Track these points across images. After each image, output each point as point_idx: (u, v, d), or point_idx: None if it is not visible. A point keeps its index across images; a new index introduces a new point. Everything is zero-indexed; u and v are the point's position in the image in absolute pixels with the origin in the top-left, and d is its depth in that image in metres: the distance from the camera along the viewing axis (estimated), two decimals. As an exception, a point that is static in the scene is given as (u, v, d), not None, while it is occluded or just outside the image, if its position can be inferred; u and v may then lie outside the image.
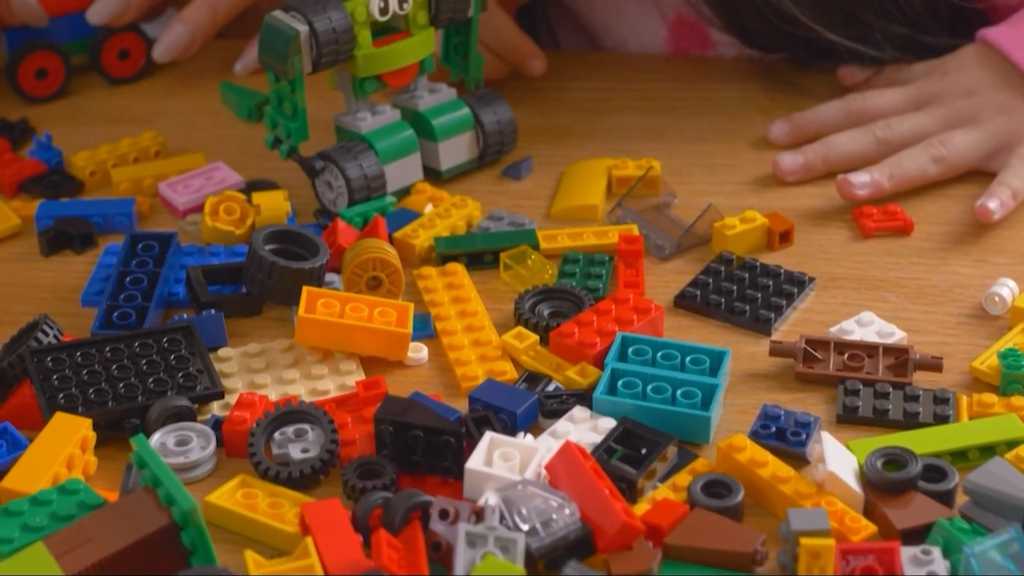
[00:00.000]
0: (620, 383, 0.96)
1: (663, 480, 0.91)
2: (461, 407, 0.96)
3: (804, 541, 0.83)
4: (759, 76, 1.35)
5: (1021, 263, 1.10)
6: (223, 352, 1.01)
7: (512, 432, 0.94)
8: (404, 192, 1.17)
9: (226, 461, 0.94)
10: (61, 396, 0.95)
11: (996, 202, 1.12)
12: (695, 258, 1.12)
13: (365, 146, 1.14)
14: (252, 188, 1.17)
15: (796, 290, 1.07)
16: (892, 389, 0.98)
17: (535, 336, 1.02)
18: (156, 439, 0.93)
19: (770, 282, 1.08)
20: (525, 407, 0.94)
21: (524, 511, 0.85)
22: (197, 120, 1.30)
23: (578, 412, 0.95)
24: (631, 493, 0.90)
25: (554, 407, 0.96)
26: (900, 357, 1.00)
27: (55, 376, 0.96)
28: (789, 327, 1.05)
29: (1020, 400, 0.96)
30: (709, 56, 1.39)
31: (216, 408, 0.97)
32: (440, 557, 0.84)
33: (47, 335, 0.99)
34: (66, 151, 1.23)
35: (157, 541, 0.83)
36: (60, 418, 0.92)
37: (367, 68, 1.14)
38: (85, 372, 0.97)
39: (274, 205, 1.13)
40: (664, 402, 0.95)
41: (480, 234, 1.12)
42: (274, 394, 0.98)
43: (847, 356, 1.00)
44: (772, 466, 0.91)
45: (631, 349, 0.99)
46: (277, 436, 0.94)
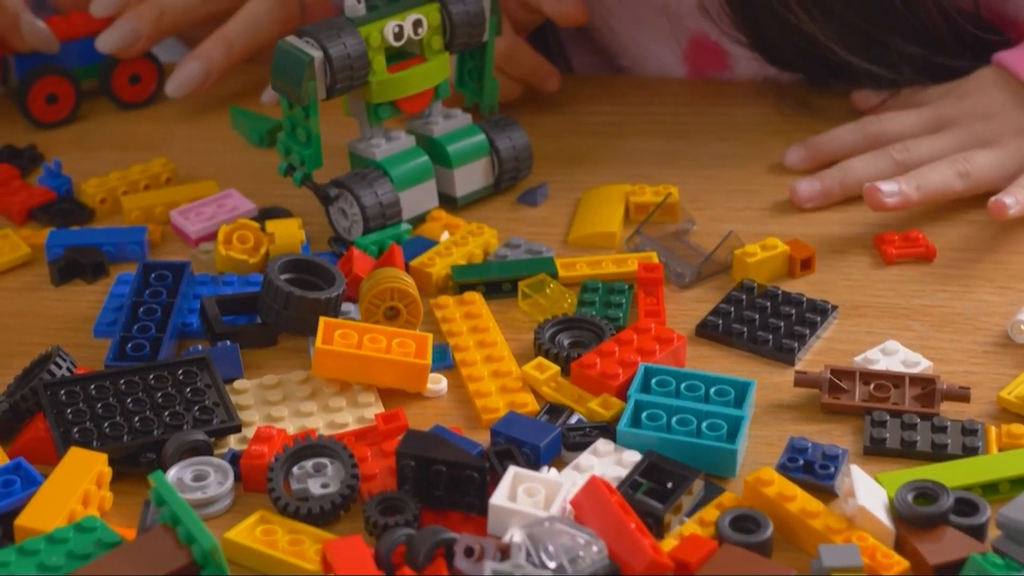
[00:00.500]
0: (644, 415, 0.95)
1: (690, 515, 0.90)
2: (482, 440, 0.95)
3: (837, 578, 0.82)
4: (774, 99, 1.33)
5: (1046, 290, 1.09)
6: (239, 384, 0.99)
7: (535, 466, 0.92)
8: (419, 219, 1.15)
9: (244, 496, 0.93)
10: (76, 430, 0.93)
11: (1012, 198, 1.11)
12: (715, 286, 1.10)
13: (380, 173, 1.13)
14: (265, 216, 1.16)
15: (819, 319, 1.05)
16: (919, 420, 0.96)
17: (556, 367, 1.00)
18: (173, 474, 0.92)
19: (792, 310, 1.06)
20: (548, 440, 0.93)
21: (551, 548, 0.83)
22: (207, 146, 1.29)
23: (602, 445, 0.94)
24: (658, 528, 0.88)
25: (577, 440, 0.94)
26: (927, 387, 0.99)
27: (69, 410, 0.95)
28: (813, 356, 1.04)
29: (1051, 431, 0.94)
30: (723, 79, 1.37)
31: (233, 442, 0.95)
32: (466, 596, 0.82)
33: (60, 367, 0.97)
34: (75, 178, 1.22)
35: (177, 581, 0.82)
36: (75, 453, 0.91)
37: (381, 94, 1.13)
38: (100, 405, 0.95)
39: (288, 233, 1.11)
40: (689, 435, 0.94)
41: (498, 262, 1.11)
42: (292, 427, 0.96)
43: (873, 386, 0.99)
44: (801, 500, 0.89)
45: (654, 380, 0.98)
46: (296, 471, 0.92)
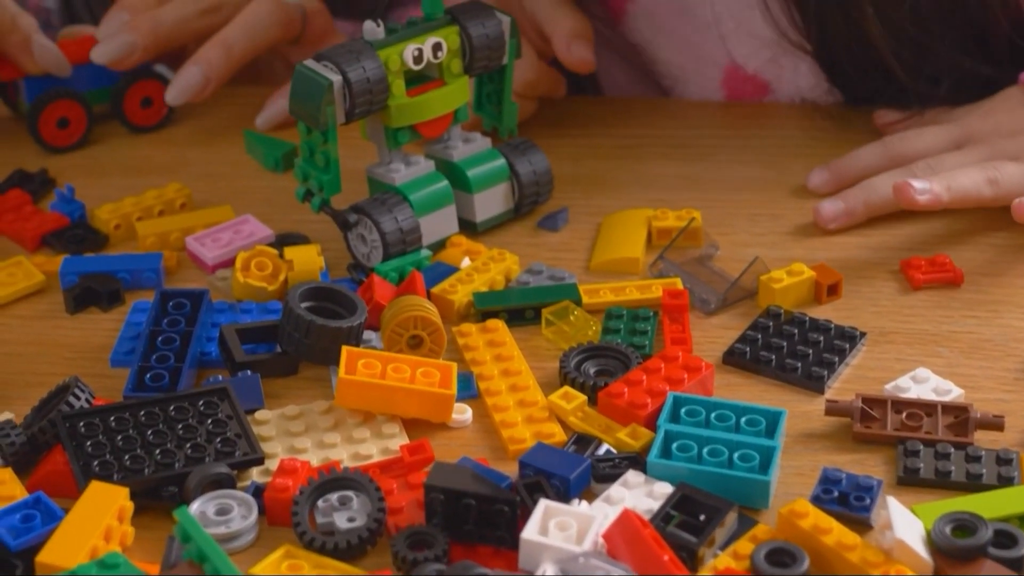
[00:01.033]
0: (675, 446, 0.93)
1: (723, 548, 0.88)
2: (509, 471, 0.93)
3: (879, 615, 0.80)
4: (795, 122, 1.32)
5: (1077, 315, 1.07)
6: (260, 415, 0.98)
7: (565, 498, 0.90)
8: (439, 245, 1.14)
9: (268, 530, 0.91)
10: (96, 463, 0.92)
11: None
12: (741, 312, 1.08)
13: (399, 198, 1.11)
14: (283, 242, 1.14)
15: (847, 346, 1.04)
16: (953, 450, 0.95)
17: (583, 396, 0.98)
18: (195, 508, 0.90)
19: (820, 337, 1.04)
20: (578, 472, 0.91)
21: (585, 584, 0.82)
22: (221, 170, 1.27)
23: (632, 476, 0.92)
24: (692, 562, 0.86)
25: (607, 471, 0.93)
26: (960, 416, 0.97)
27: (89, 442, 0.93)
28: (842, 384, 1.02)
29: (1088, 461, 0.93)
30: (743, 102, 1.36)
31: (256, 474, 0.94)
32: (499, 633, 0.81)
33: (79, 398, 0.96)
34: (88, 203, 1.20)
35: (204, 619, 0.80)
36: (96, 487, 0.89)
37: (401, 118, 1.11)
38: (120, 438, 0.93)
39: (307, 260, 1.10)
40: (721, 466, 0.92)
41: (520, 289, 1.09)
42: (315, 459, 0.95)
43: (905, 415, 0.97)
44: (837, 533, 0.87)
45: (684, 410, 0.96)
46: (320, 504, 0.90)
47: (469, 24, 1.13)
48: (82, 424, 0.94)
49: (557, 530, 0.86)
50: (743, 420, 0.95)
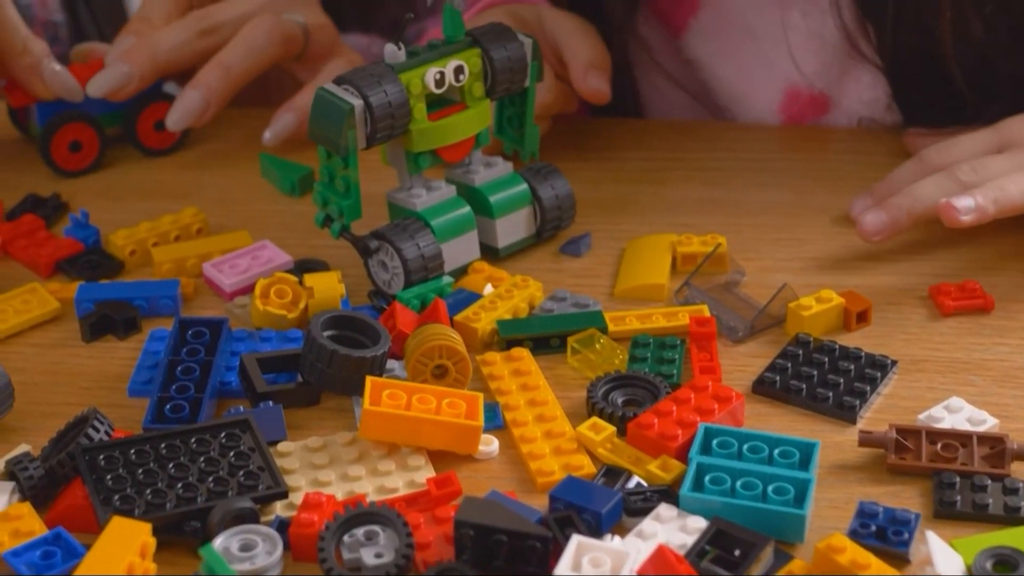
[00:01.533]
0: (707, 479, 0.91)
1: (759, 584, 0.86)
2: (538, 504, 0.91)
3: (924, 655, 0.78)
4: (815, 144, 1.30)
5: (1110, 343, 1.06)
6: (283, 447, 0.96)
7: (596, 533, 0.88)
8: (461, 272, 1.12)
9: (292, 566, 0.89)
10: (117, 498, 0.90)
11: None
12: (769, 340, 1.07)
13: (421, 224, 1.09)
14: (302, 269, 1.12)
15: (879, 374, 1.02)
16: (990, 482, 0.93)
17: (611, 427, 0.96)
18: (219, 544, 0.88)
19: (851, 366, 1.03)
20: (610, 506, 0.89)
21: (622, 624, 0.80)
22: (236, 194, 1.25)
23: (664, 510, 0.90)
24: (728, 599, 0.85)
25: (639, 505, 0.91)
26: (996, 447, 0.95)
27: (109, 476, 0.91)
28: (873, 414, 1.00)
29: None
30: (763, 125, 1.34)
31: (279, 508, 0.92)
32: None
33: (98, 430, 0.94)
34: (102, 228, 1.18)
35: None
36: (117, 523, 0.87)
37: (422, 143, 1.09)
38: (141, 471, 0.91)
39: (327, 287, 1.08)
40: (755, 499, 0.90)
41: (545, 317, 1.07)
42: (340, 492, 0.93)
43: (940, 446, 0.95)
44: (876, 568, 0.85)
45: (715, 441, 0.94)
46: (346, 539, 0.88)
47: (491, 47, 1.11)
48: (102, 457, 0.92)
49: (590, 566, 0.84)
50: (776, 452, 0.93)
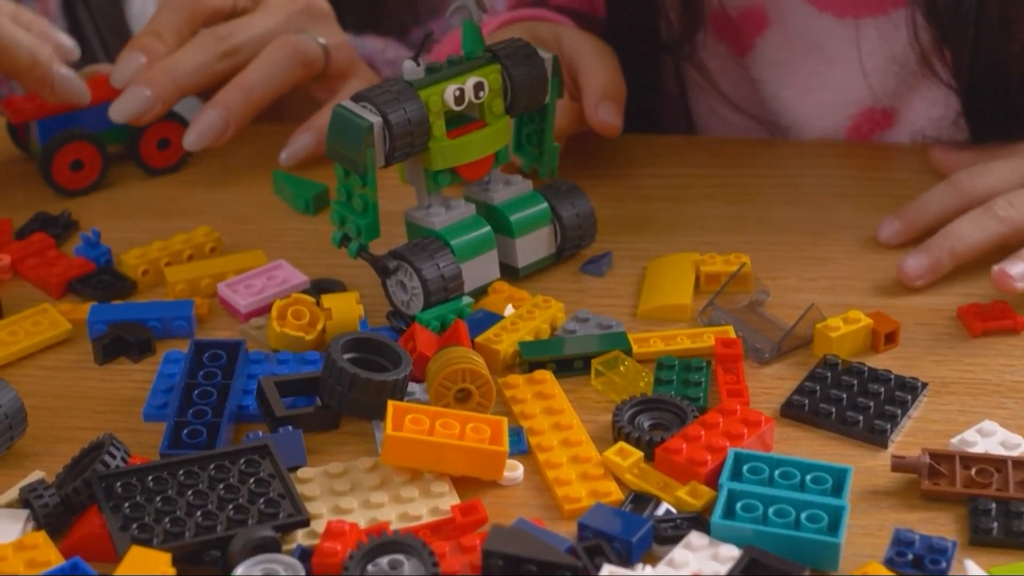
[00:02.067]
0: (739, 506, 0.89)
1: (795, 615, 0.84)
2: (566, 531, 0.89)
3: None
4: (835, 160, 1.29)
5: None
6: (303, 473, 0.94)
7: (627, 562, 0.86)
8: (480, 292, 1.10)
9: (315, 596, 0.87)
10: (135, 526, 0.87)
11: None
12: (795, 362, 1.05)
13: (440, 244, 1.07)
14: (319, 289, 1.10)
15: (909, 397, 1.00)
16: (1027, 507, 0.91)
17: (639, 452, 0.94)
18: (240, 573, 0.86)
19: (881, 389, 1.01)
20: (640, 534, 0.87)
21: (657, 658, 0.78)
22: (249, 212, 1.23)
23: (695, 538, 0.88)
24: (763, 631, 0.83)
25: (669, 532, 0.89)
26: (1031, 472, 0.93)
27: (127, 504, 0.89)
28: (905, 438, 0.98)
29: None
30: (779, 140, 1.32)
31: (301, 536, 0.89)
32: None
33: (114, 457, 0.92)
34: (113, 247, 1.16)
35: None
36: (136, 552, 0.85)
37: (442, 160, 1.07)
38: (159, 499, 0.89)
39: (346, 308, 1.05)
40: (788, 527, 0.88)
41: (568, 338, 1.05)
42: (362, 520, 0.90)
43: (974, 471, 0.93)
44: (914, 599, 0.84)
45: (746, 467, 0.92)
46: (371, 569, 0.86)
47: (511, 63, 1.09)
48: (119, 484, 0.90)
49: (623, 598, 0.82)
50: (808, 478, 0.91)
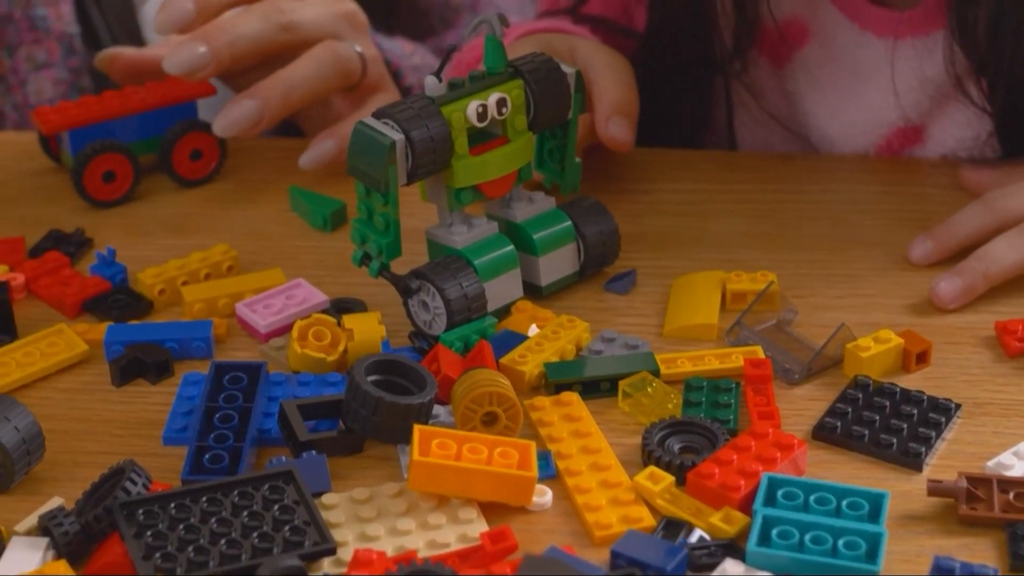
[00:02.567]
0: (774, 532, 0.87)
1: (834, 645, 0.82)
2: (597, 559, 0.87)
3: None
4: (857, 175, 1.27)
5: None
6: (328, 499, 0.92)
7: (661, 591, 0.85)
8: (503, 312, 1.08)
9: (343, 627, 0.85)
10: (158, 555, 0.85)
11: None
12: (825, 382, 1.03)
13: (463, 263, 1.05)
14: (339, 308, 1.08)
15: (943, 419, 0.98)
16: (1067, 533, 0.89)
17: (670, 477, 0.92)
18: (266, 604, 0.84)
19: (914, 410, 0.99)
20: (675, 562, 0.85)
21: None
22: (266, 229, 1.21)
23: (731, 566, 0.86)
24: (802, 662, 0.81)
25: (703, 560, 0.87)
26: (1070, 496, 0.91)
27: (149, 532, 0.87)
28: (939, 461, 0.96)
29: None
30: (800, 154, 1.30)
31: (327, 565, 0.88)
32: None
33: (135, 483, 0.90)
34: (128, 265, 1.14)
35: None
36: (160, 583, 0.83)
37: (465, 178, 1.05)
38: (182, 527, 0.87)
39: (368, 329, 1.04)
40: (825, 554, 0.86)
41: (594, 359, 1.03)
42: (389, 548, 0.89)
43: (1012, 495, 0.92)
44: (956, 629, 0.82)
45: (780, 492, 0.90)
46: (399, 598, 0.84)
47: (533, 78, 1.07)
48: (141, 512, 0.88)
49: (659, 629, 0.80)
50: (844, 503, 0.89)
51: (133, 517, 0.88)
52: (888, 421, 0.98)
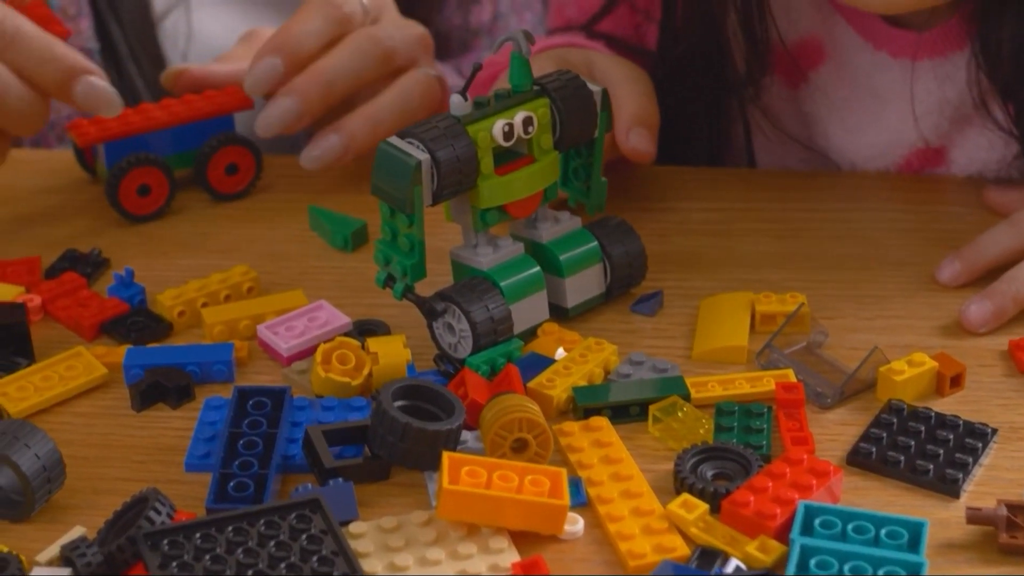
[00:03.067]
0: (812, 562, 0.86)
1: None
2: (631, 590, 0.86)
3: None
4: (881, 193, 1.25)
5: None
6: (355, 527, 0.90)
7: (699, 624, 0.83)
8: (529, 334, 1.06)
9: (373, 660, 0.83)
10: (184, 588, 0.84)
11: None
12: (858, 406, 1.01)
13: (489, 284, 1.04)
14: (362, 331, 1.06)
15: (979, 444, 0.96)
16: (1110, 562, 0.88)
17: (704, 505, 0.91)
18: (295, 637, 0.82)
19: (950, 435, 0.97)
20: (713, 595, 0.84)
21: None
22: (285, 249, 1.19)
23: (768, 597, 0.84)
24: None
25: (740, 591, 0.85)
26: (1112, 523, 0.90)
27: (175, 563, 0.85)
28: (976, 487, 0.95)
29: None
30: (831, 172, 1.29)
31: (356, 596, 0.86)
32: None
33: (159, 513, 0.88)
34: (146, 286, 1.12)
35: None
36: (187, 616, 0.81)
37: (491, 198, 1.04)
38: (208, 557, 0.85)
39: (393, 352, 1.02)
40: (865, 585, 0.85)
41: (624, 383, 1.01)
42: (420, 578, 0.87)
43: (1053, 523, 0.90)
44: (1001, 662, 0.80)
45: (817, 521, 0.88)
46: (431, 631, 0.83)
47: (560, 96, 1.05)
48: (166, 542, 0.86)
49: (699, 664, 0.78)
50: (883, 532, 0.88)
51: (158, 547, 0.86)
52: (924, 446, 0.96)
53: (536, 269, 1.06)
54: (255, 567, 0.85)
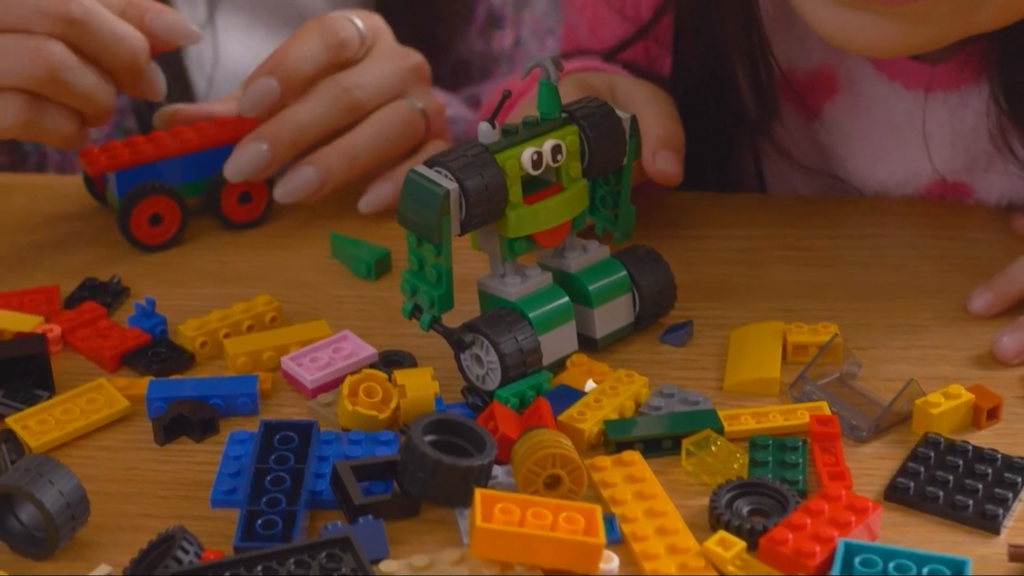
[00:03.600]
0: (855, 603, 0.84)
1: None
2: (668, 631, 0.84)
3: None
4: (911, 219, 1.24)
5: None
6: (386, 566, 0.88)
7: (740, 666, 0.81)
8: (558, 366, 1.04)
9: None
10: (214, 630, 0.82)
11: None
12: (893, 440, 0.99)
13: (517, 315, 1.02)
14: (388, 362, 1.05)
15: (1019, 479, 0.95)
16: None
17: (742, 542, 0.89)
18: None
19: (988, 469, 0.95)
20: (754, 636, 0.82)
21: None
22: (307, 278, 1.18)
23: (810, 639, 0.83)
24: None
25: (781, 633, 0.84)
26: None
27: (204, 604, 0.83)
28: (1016, 523, 0.93)
29: None
30: (858, 198, 1.27)
31: (389, 638, 0.84)
32: None
33: (187, 552, 0.86)
34: (167, 315, 1.10)
35: None
36: (218, 660, 0.80)
37: (519, 227, 1.02)
38: (237, 599, 0.84)
39: (421, 385, 1.00)
40: (908, 626, 0.83)
41: (656, 416, 1.00)
42: (452, 618, 0.85)
43: (1096, 561, 0.88)
44: None
45: (858, 559, 0.87)
46: (466, 674, 0.81)
47: (588, 124, 1.04)
48: (194, 583, 0.84)
49: None
50: (924, 570, 0.86)
51: (186, 588, 0.84)
52: (962, 481, 0.95)
53: (565, 299, 1.04)
54: (286, 608, 0.84)
